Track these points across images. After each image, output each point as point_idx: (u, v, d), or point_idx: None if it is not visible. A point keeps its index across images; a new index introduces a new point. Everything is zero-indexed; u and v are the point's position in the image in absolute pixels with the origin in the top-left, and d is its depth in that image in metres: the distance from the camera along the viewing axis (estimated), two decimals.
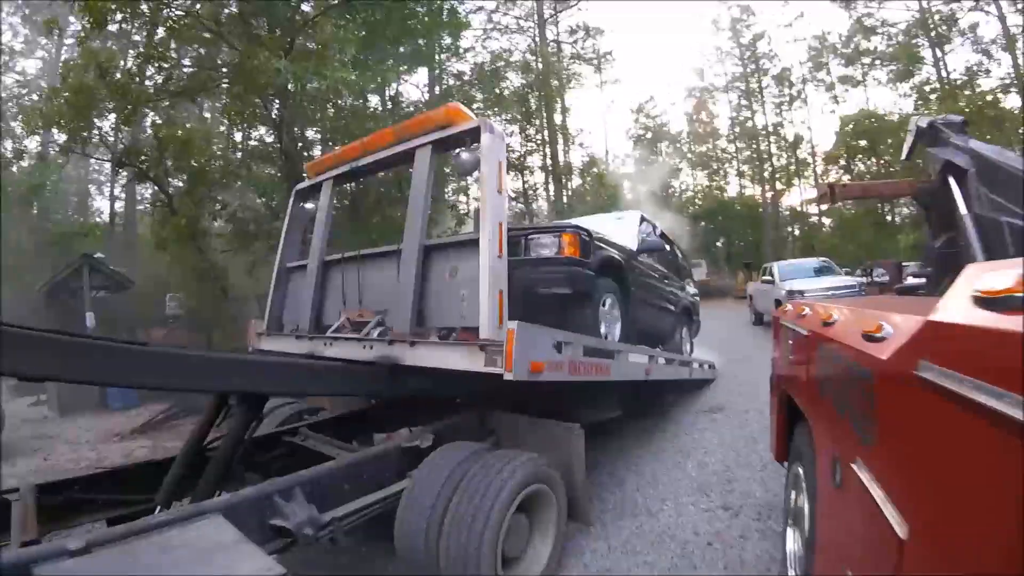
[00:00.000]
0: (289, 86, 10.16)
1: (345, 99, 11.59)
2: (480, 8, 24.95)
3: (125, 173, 15.02)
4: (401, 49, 12.04)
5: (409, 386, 4.05)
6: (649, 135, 45.92)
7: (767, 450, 4.86)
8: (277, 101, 10.85)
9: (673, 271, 8.37)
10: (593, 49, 34.74)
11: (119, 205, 29.06)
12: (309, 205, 5.44)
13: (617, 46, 46.21)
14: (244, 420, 3.61)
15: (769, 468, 5.33)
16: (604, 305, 5.19)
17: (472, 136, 3.75)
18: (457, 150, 3.98)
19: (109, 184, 28.96)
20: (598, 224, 7.01)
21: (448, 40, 13.44)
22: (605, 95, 44.58)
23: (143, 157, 12.34)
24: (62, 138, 13.14)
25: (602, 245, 5.23)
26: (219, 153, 12.24)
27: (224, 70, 11.11)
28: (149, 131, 13.28)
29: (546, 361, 3.39)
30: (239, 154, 12.66)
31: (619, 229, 6.64)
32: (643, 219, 7.11)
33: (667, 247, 8.45)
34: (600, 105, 54.92)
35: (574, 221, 5.99)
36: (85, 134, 11.70)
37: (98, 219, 29.05)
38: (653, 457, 5.89)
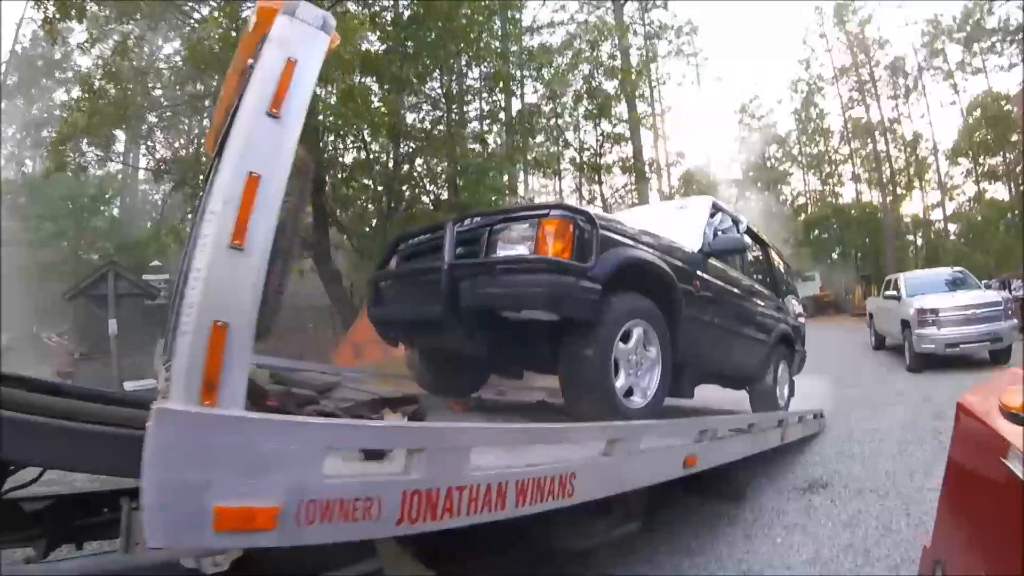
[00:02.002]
0: None
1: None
2: (562, 6, 23.10)
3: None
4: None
5: None
6: (755, 137, 42.61)
7: None
8: None
9: (769, 285, 6.10)
10: (682, 38, 31.90)
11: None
12: None
13: (716, 39, 43.22)
14: None
15: None
16: (627, 340, 3.15)
17: None
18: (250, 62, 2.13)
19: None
20: (651, 216, 5.01)
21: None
22: (703, 93, 41.62)
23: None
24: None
25: (625, 240, 3.22)
26: None
27: None
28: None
29: (283, 504, 1.42)
30: None
31: (679, 223, 4.60)
32: (716, 208, 4.94)
33: (757, 251, 6.19)
34: (698, 104, 51.29)
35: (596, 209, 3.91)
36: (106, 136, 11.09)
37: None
38: None
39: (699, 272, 4.08)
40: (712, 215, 4.75)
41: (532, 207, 3.35)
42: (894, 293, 12.22)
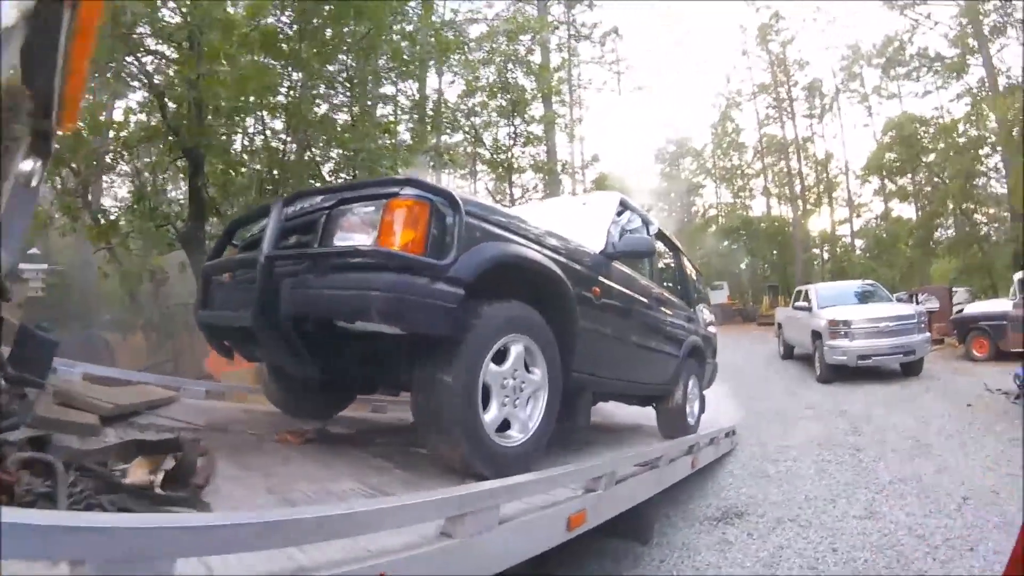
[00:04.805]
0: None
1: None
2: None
3: None
4: None
5: None
6: (672, 147, 43.36)
7: None
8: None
9: (680, 293, 5.58)
10: (606, 45, 31.59)
11: None
12: None
13: (639, 49, 43.64)
14: None
15: None
16: (502, 361, 2.48)
17: None
18: None
19: None
20: (550, 211, 4.39)
21: None
22: (623, 101, 42.13)
23: None
24: None
25: (503, 233, 2.54)
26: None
27: None
28: None
29: None
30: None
31: (581, 220, 3.96)
32: (624, 206, 4.34)
33: (668, 256, 5.67)
34: (619, 111, 51.56)
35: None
36: None
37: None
38: None
39: (600, 277, 3.46)
40: (619, 213, 4.15)
41: (380, 182, 2.62)
42: (805, 304, 12.12)
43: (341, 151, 8.98)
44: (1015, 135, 20.22)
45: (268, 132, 10.15)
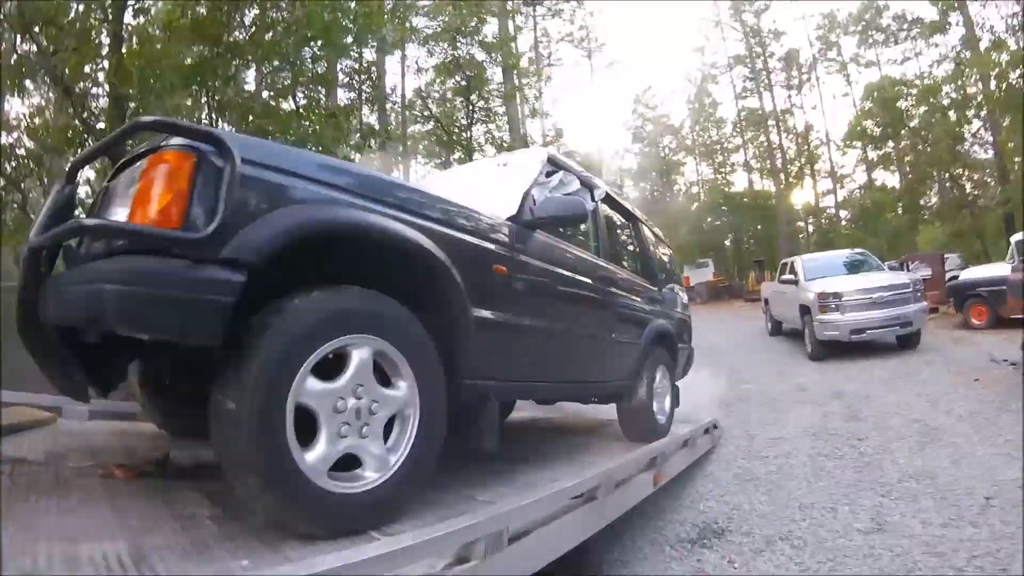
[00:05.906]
0: None
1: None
2: None
3: None
4: None
5: None
6: (649, 126, 42.42)
7: None
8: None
9: (643, 271, 4.79)
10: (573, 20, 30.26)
11: None
12: None
13: (611, 23, 42.74)
14: None
15: None
16: (334, 374, 1.68)
17: None
18: None
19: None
20: (463, 177, 3.61)
21: None
22: (596, 78, 41.19)
23: None
24: None
25: (329, 191, 1.75)
26: None
27: None
28: None
29: None
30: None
31: (498, 184, 3.15)
32: (556, 165, 3.49)
33: (625, 226, 4.86)
34: (593, 89, 50.33)
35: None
36: None
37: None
38: None
39: (510, 252, 2.65)
40: (548, 174, 3.31)
41: (126, 131, 1.81)
42: (791, 277, 11.36)
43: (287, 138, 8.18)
44: (999, 93, 19.65)
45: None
